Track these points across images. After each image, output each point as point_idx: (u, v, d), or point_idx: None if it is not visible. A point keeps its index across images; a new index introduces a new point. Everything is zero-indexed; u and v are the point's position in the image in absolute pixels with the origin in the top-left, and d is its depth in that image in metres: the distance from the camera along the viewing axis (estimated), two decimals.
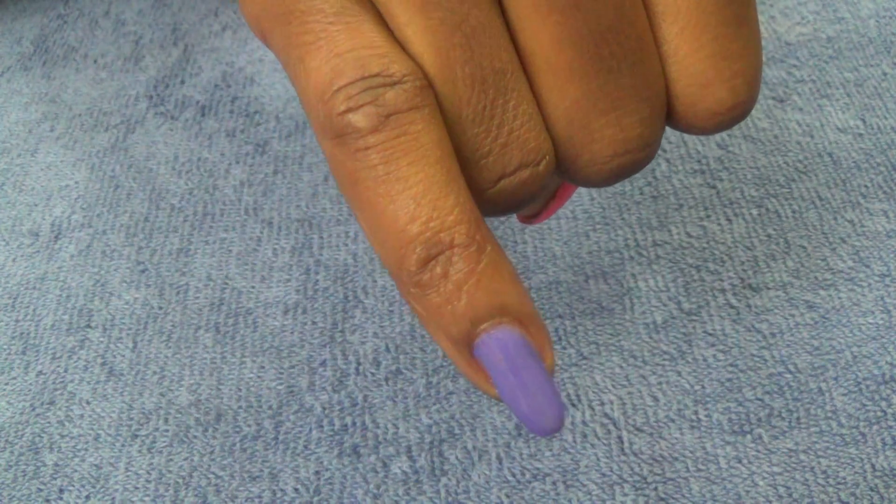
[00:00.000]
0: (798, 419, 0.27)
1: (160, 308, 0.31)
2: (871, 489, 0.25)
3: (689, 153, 0.34)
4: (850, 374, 0.28)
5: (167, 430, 0.28)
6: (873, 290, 0.30)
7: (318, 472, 0.27)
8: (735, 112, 0.16)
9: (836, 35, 0.38)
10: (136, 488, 0.27)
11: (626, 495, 0.26)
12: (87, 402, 0.29)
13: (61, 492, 0.27)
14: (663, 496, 0.26)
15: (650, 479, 0.26)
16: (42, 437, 0.28)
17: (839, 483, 0.25)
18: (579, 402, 0.28)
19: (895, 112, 0.35)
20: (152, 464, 0.27)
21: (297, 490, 0.26)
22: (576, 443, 0.27)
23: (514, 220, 0.33)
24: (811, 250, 0.31)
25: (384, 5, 0.15)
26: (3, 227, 0.34)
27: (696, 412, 0.27)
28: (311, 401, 0.28)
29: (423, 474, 0.27)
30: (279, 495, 0.26)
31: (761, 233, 0.32)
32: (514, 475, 0.26)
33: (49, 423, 0.28)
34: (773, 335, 0.29)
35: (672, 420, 0.27)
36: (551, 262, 0.31)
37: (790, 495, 0.25)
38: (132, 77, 0.40)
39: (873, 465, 0.26)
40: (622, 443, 0.27)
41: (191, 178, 0.35)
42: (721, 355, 0.28)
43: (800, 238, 0.31)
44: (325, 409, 0.28)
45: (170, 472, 0.27)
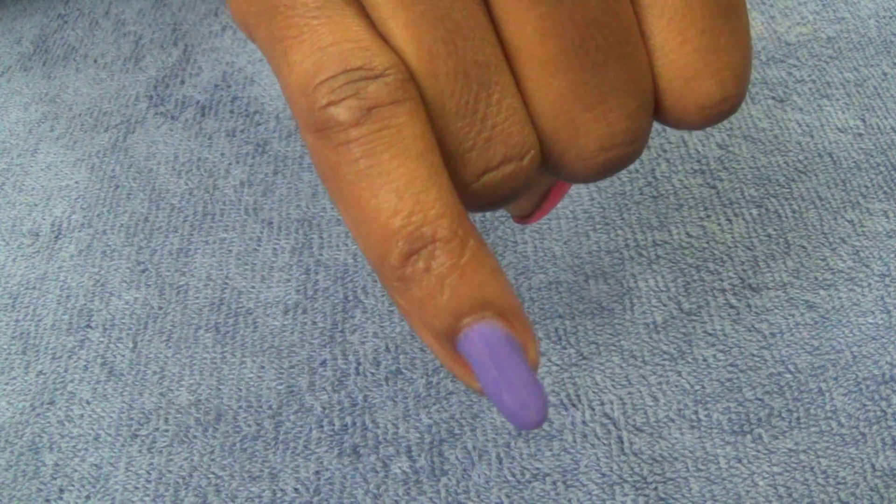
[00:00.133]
0: (798, 419, 0.27)
1: (160, 308, 0.31)
2: (871, 489, 0.25)
3: (689, 153, 0.34)
4: (850, 374, 0.28)
5: (167, 430, 0.28)
6: (873, 290, 0.30)
7: (318, 472, 0.27)
8: (723, 106, 0.16)
9: (836, 35, 0.38)
10: (136, 488, 0.27)
11: (626, 495, 0.26)
12: (87, 402, 0.29)
13: (61, 492, 0.27)
14: (663, 496, 0.26)
15: (650, 479, 0.26)
16: (42, 437, 0.28)
17: (839, 483, 0.25)
18: (579, 402, 0.28)
19: (895, 112, 0.35)
20: (152, 464, 0.27)
21: (297, 490, 0.26)
22: (576, 443, 0.27)
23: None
24: (811, 250, 0.31)
25: None
26: (3, 227, 0.34)
27: (696, 412, 0.27)
28: (311, 401, 0.28)
29: (423, 474, 0.27)
30: (279, 495, 0.26)
31: (761, 233, 0.32)
32: (514, 475, 0.26)
33: (49, 423, 0.28)
34: (773, 335, 0.29)
35: (672, 420, 0.27)
36: (551, 262, 0.31)
37: (790, 495, 0.25)
38: (132, 77, 0.40)
39: (873, 465, 0.26)
40: (622, 443, 0.27)
41: (191, 178, 0.35)
42: (721, 355, 0.28)
43: (800, 238, 0.31)
44: (325, 409, 0.28)
45: (170, 472, 0.27)
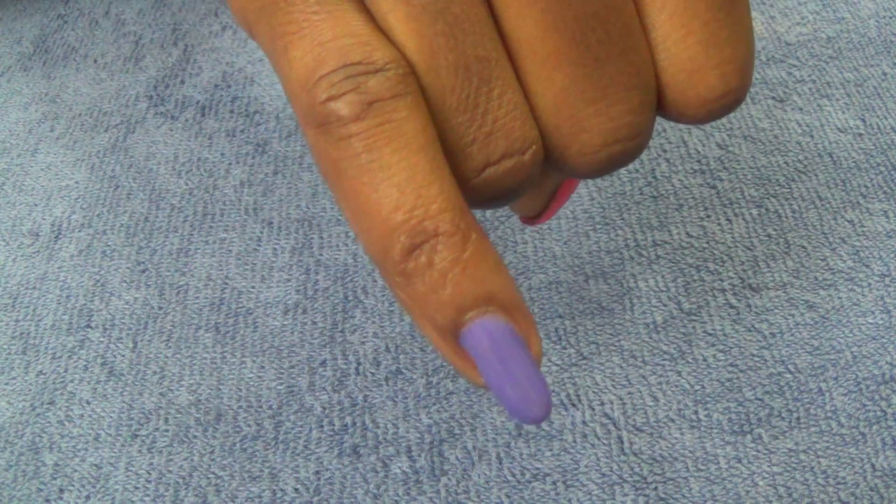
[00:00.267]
0: (798, 419, 0.27)
1: (160, 308, 0.31)
2: (871, 489, 0.25)
3: (689, 153, 0.34)
4: (850, 374, 0.28)
5: (167, 430, 0.28)
6: (873, 290, 0.30)
7: (318, 472, 0.27)
8: (726, 100, 0.16)
9: (836, 35, 0.38)
10: (136, 488, 0.27)
11: (626, 495, 0.26)
12: (87, 402, 0.29)
13: (61, 492, 0.27)
14: (663, 496, 0.26)
15: (650, 479, 0.26)
16: (42, 437, 0.28)
17: (839, 483, 0.25)
18: (579, 402, 0.28)
19: (895, 112, 0.35)
20: (152, 464, 0.27)
21: (297, 490, 0.26)
22: (576, 443, 0.27)
23: (515, 219, 0.33)
24: (811, 250, 0.31)
25: None
26: (3, 227, 0.34)
27: (696, 412, 0.27)
28: (311, 401, 0.28)
29: (423, 474, 0.27)
30: (279, 495, 0.26)
31: (761, 233, 0.32)
32: (514, 475, 0.26)
33: (49, 423, 0.28)
34: (773, 335, 0.29)
35: (672, 420, 0.27)
36: (551, 262, 0.31)
37: (790, 495, 0.25)
38: (132, 77, 0.40)
39: (873, 465, 0.26)
40: (622, 443, 0.27)
41: (191, 178, 0.35)
42: (721, 355, 0.28)
43: (800, 238, 0.31)
44: (325, 409, 0.28)
45: (170, 472, 0.27)
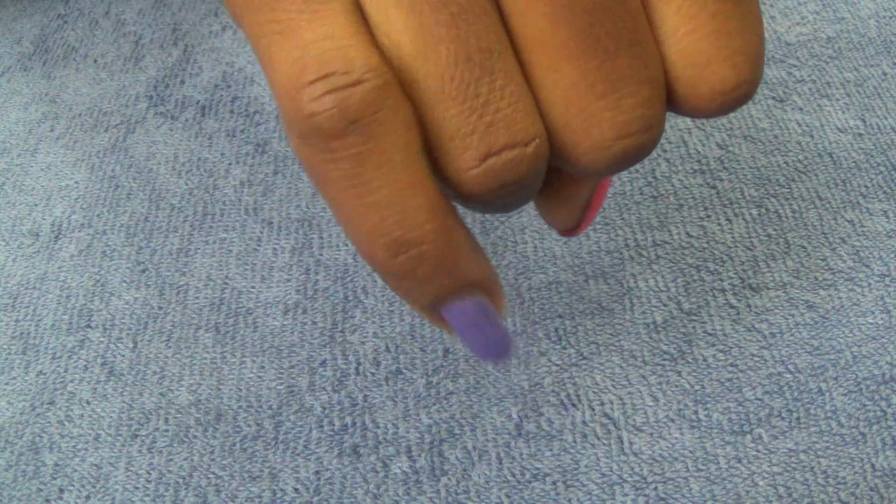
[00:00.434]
0: (798, 419, 0.27)
1: (160, 308, 0.31)
2: (871, 489, 0.25)
3: (689, 153, 0.34)
4: (850, 374, 0.28)
5: (167, 430, 0.28)
6: (873, 290, 0.30)
7: (318, 472, 0.27)
8: (739, 91, 0.16)
9: (836, 35, 0.38)
10: (136, 488, 0.27)
11: (626, 495, 0.26)
12: (87, 402, 0.29)
13: (61, 492, 0.27)
14: (663, 496, 0.26)
15: (650, 479, 0.26)
16: (42, 437, 0.28)
17: (839, 483, 0.25)
18: (579, 402, 0.28)
19: (895, 112, 0.35)
20: (152, 464, 0.27)
21: (297, 490, 0.26)
22: (576, 443, 0.27)
23: (514, 219, 0.33)
24: (811, 250, 0.31)
25: None
26: (3, 227, 0.34)
27: (696, 412, 0.27)
28: (311, 401, 0.28)
29: (423, 474, 0.27)
30: (279, 495, 0.26)
31: (761, 233, 0.32)
32: (514, 475, 0.26)
33: (49, 423, 0.28)
34: (773, 335, 0.29)
35: (672, 420, 0.27)
36: (551, 262, 0.31)
37: (790, 495, 0.25)
38: (132, 77, 0.40)
39: (873, 465, 0.26)
40: (622, 443, 0.27)
41: (191, 178, 0.35)
42: (721, 355, 0.28)
43: (800, 238, 0.31)
44: (325, 409, 0.28)
45: (170, 472, 0.27)
